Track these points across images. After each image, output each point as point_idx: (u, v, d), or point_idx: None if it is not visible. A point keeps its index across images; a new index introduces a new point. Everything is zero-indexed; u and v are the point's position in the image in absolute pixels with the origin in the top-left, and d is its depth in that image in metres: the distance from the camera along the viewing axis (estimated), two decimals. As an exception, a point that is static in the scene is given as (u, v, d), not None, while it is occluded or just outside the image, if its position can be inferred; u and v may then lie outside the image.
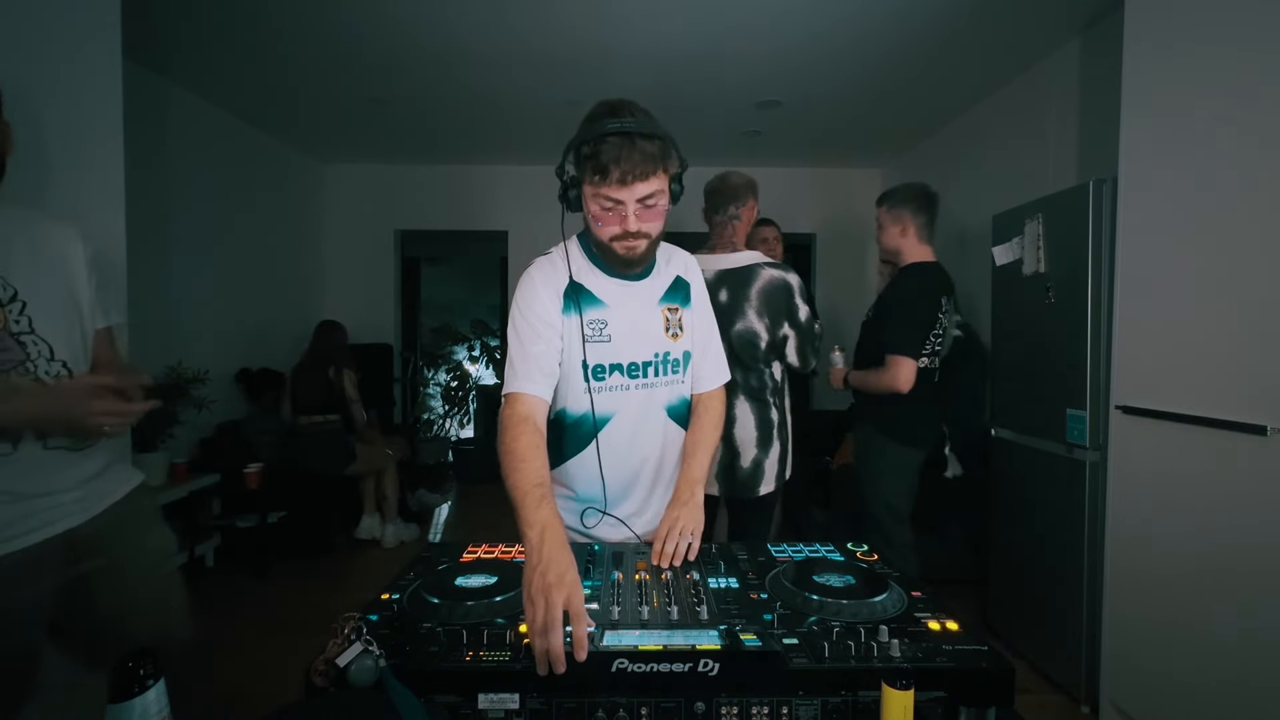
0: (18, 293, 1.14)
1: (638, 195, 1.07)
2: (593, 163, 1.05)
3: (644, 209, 1.09)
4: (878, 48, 3.02)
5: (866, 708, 0.72)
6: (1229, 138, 1.61)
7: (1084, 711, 2.14)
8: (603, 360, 1.20)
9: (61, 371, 1.17)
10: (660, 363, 1.24)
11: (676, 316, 1.27)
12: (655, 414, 1.26)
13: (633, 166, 1.04)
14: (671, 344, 1.25)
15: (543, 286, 1.19)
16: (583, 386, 1.20)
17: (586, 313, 1.19)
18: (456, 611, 0.85)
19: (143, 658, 0.60)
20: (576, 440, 1.24)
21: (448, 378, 6.73)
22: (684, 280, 1.31)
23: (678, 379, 1.27)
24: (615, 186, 1.06)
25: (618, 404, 1.22)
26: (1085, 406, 2.14)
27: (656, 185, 1.08)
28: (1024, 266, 2.43)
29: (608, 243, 1.14)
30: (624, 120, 1.05)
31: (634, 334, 1.22)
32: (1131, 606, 1.89)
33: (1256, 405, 1.52)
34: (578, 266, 1.22)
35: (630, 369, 1.22)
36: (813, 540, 1.22)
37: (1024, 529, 2.48)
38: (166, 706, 0.61)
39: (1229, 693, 1.59)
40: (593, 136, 1.05)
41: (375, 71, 3.33)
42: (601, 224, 1.12)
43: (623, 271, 1.21)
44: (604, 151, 1.04)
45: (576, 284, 1.20)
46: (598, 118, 1.08)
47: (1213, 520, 1.64)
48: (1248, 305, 1.56)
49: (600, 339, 1.19)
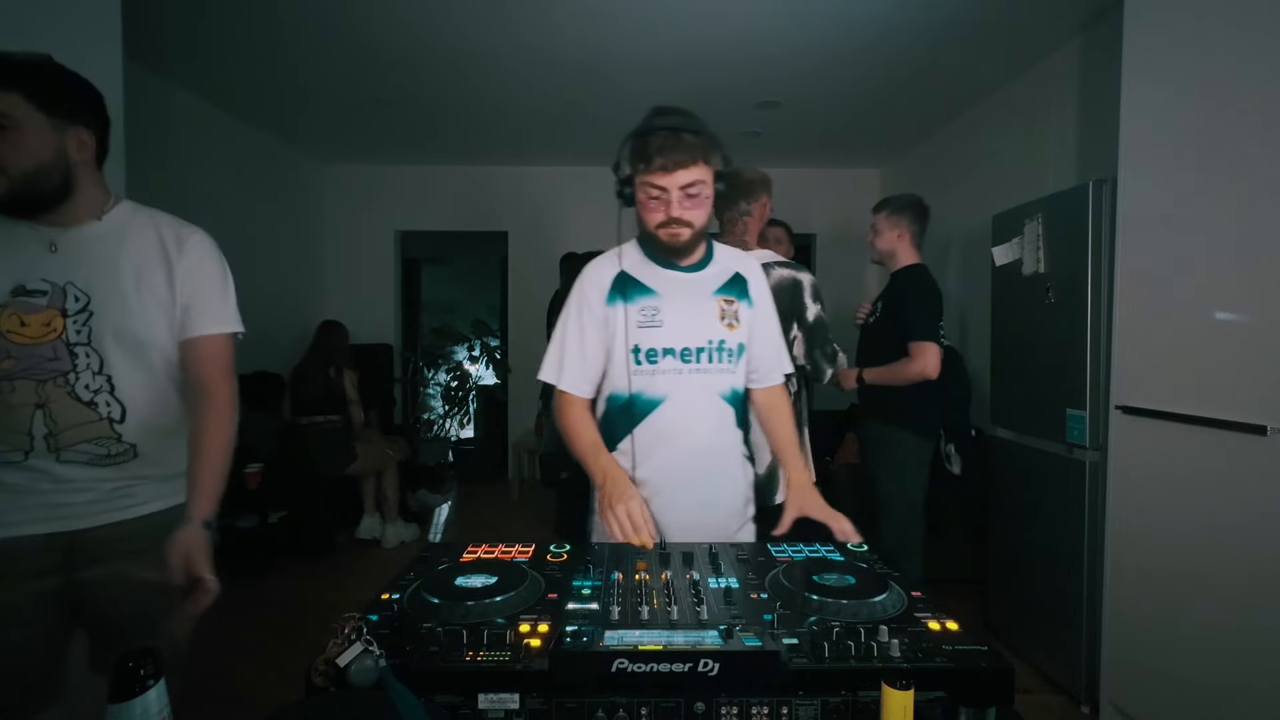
0: (89, 302, 1.13)
1: (680, 183, 1.17)
2: (641, 154, 1.17)
3: (686, 197, 1.19)
4: (877, 48, 3.02)
5: (866, 708, 0.72)
6: (1229, 137, 1.61)
7: (1084, 711, 2.14)
8: (655, 344, 1.27)
9: (104, 385, 1.14)
10: (714, 350, 1.29)
11: (732, 308, 1.32)
12: (710, 399, 1.31)
13: (675, 154, 1.14)
14: (726, 333, 1.30)
15: (591, 283, 1.30)
16: (633, 369, 1.26)
17: (638, 301, 1.27)
18: (456, 611, 0.85)
19: (143, 657, 0.60)
20: (628, 421, 1.29)
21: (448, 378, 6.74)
22: (743, 276, 1.36)
23: (731, 367, 1.32)
24: (659, 174, 1.16)
25: (670, 387, 1.28)
26: (1085, 406, 2.14)
27: (699, 175, 1.17)
28: (1024, 266, 2.43)
29: (654, 230, 1.23)
30: (670, 117, 1.16)
31: (687, 321, 1.28)
32: (1132, 606, 1.89)
33: (1256, 405, 1.52)
34: (631, 261, 1.31)
35: (684, 354, 1.27)
36: (813, 540, 1.22)
37: (1024, 529, 2.48)
38: (167, 706, 0.61)
39: (1229, 693, 1.59)
40: (642, 131, 1.17)
41: (376, 71, 3.33)
42: (649, 212, 1.22)
43: (672, 261, 1.29)
44: (651, 142, 1.16)
45: (625, 275, 1.29)
46: (649, 117, 1.19)
47: (1213, 520, 1.64)
48: (1247, 305, 1.56)
49: (653, 324, 1.27)
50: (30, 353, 1.10)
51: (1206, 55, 1.67)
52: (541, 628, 0.81)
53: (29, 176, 1.06)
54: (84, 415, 1.14)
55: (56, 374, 1.11)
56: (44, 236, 1.12)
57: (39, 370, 1.10)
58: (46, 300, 1.11)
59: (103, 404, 1.15)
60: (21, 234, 1.12)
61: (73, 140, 1.10)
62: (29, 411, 1.10)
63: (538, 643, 0.77)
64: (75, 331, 1.12)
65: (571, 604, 0.88)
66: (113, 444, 1.16)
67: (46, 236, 1.13)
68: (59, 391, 1.11)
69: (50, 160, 1.08)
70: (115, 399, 1.16)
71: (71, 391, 1.12)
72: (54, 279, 1.11)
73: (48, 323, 1.10)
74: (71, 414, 1.13)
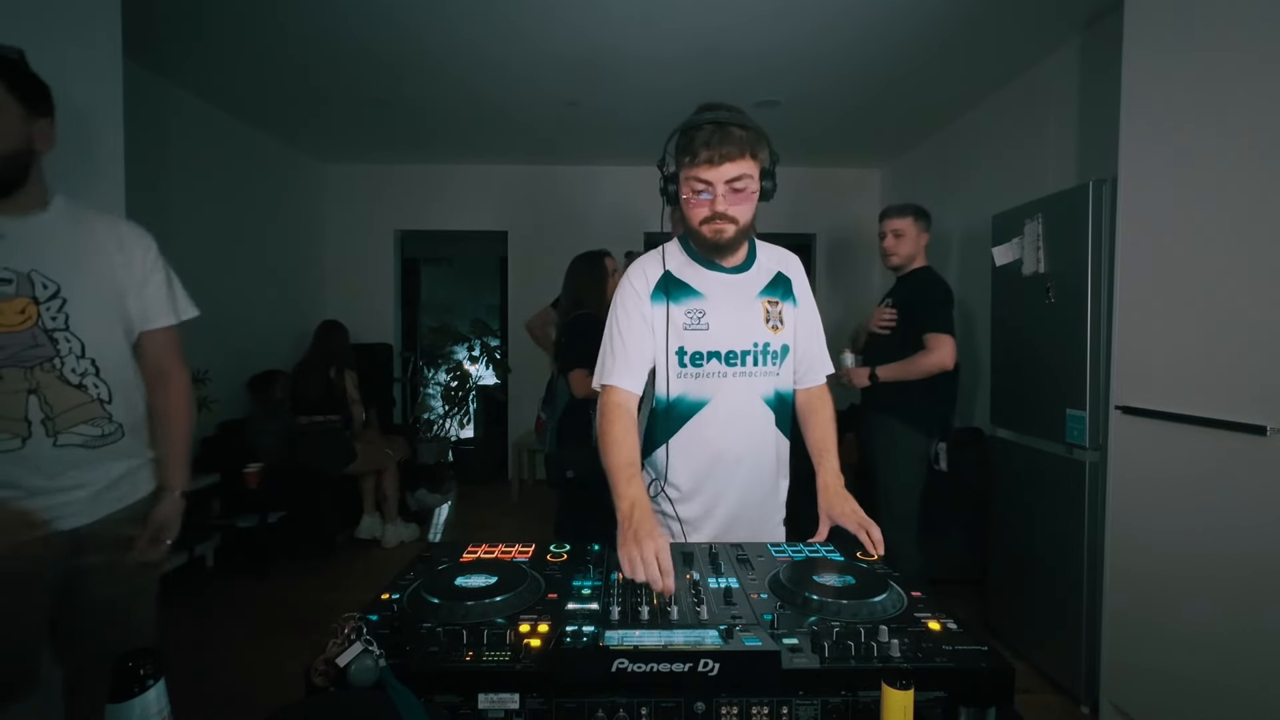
0: (59, 289, 1.16)
1: (725, 176, 1.14)
2: (687, 147, 1.15)
3: (732, 192, 1.15)
4: (877, 47, 3.02)
5: (866, 708, 0.72)
6: (1229, 137, 1.61)
7: (1084, 711, 2.14)
8: (701, 347, 1.25)
9: (89, 369, 1.18)
10: (759, 353, 1.28)
11: (777, 310, 1.31)
12: (753, 402, 1.29)
13: (721, 147, 1.11)
14: (771, 335, 1.29)
15: (638, 280, 1.28)
16: (676, 371, 1.26)
17: (685, 303, 1.26)
18: (456, 611, 0.85)
19: (143, 657, 0.60)
20: (670, 423, 1.28)
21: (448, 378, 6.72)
22: (785, 276, 1.35)
23: (775, 370, 1.30)
24: (704, 167, 1.13)
25: (714, 389, 1.26)
26: (1085, 406, 2.14)
27: (744, 169, 1.14)
28: (1024, 266, 2.43)
29: (698, 227, 1.21)
30: (716, 111, 1.14)
31: (733, 324, 1.27)
32: (1131, 606, 1.89)
33: (1256, 405, 1.52)
34: (676, 262, 1.29)
35: (729, 357, 1.26)
36: (813, 540, 1.22)
37: (1024, 529, 2.48)
38: (166, 706, 0.61)
39: (1228, 692, 1.59)
40: (689, 125, 1.15)
41: (376, 72, 3.33)
42: (693, 208, 1.19)
43: (714, 259, 1.27)
44: (696, 137, 1.13)
45: (670, 276, 1.27)
46: (695, 113, 1.17)
47: (1212, 520, 1.64)
48: (1248, 305, 1.56)
49: (699, 327, 1.25)
50: (10, 340, 1.12)
51: (1207, 55, 1.66)
52: (541, 628, 0.81)
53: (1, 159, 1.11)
54: (77, 397, 1.17)
55: (42, 360, 1.14)
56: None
57: (23, 358, 1.12)
58: (14, 289, 1.13)
59: (91, 385, 1.19)
60: None
61: (39, 132, 1.16)
62: (22, 397, 1.13)
63: (538, 643, 0.77)
64: (50, 318, 1.15)
65: (571, 604, 0.88)
66: (105, 423, 1.21)
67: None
68: (49, 376, 1.14)
69: (18, 147, 1.13)
70: (102, 380, 1.20)
71: (60, 375, 1.15)
72: (14, 267, 1.14)
73: (21, 310, 1.13)
74: (65, 397, 1.16)
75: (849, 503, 1.23)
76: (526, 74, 3.35)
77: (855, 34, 2.88)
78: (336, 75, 3.37)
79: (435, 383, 6.86)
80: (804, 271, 1.40)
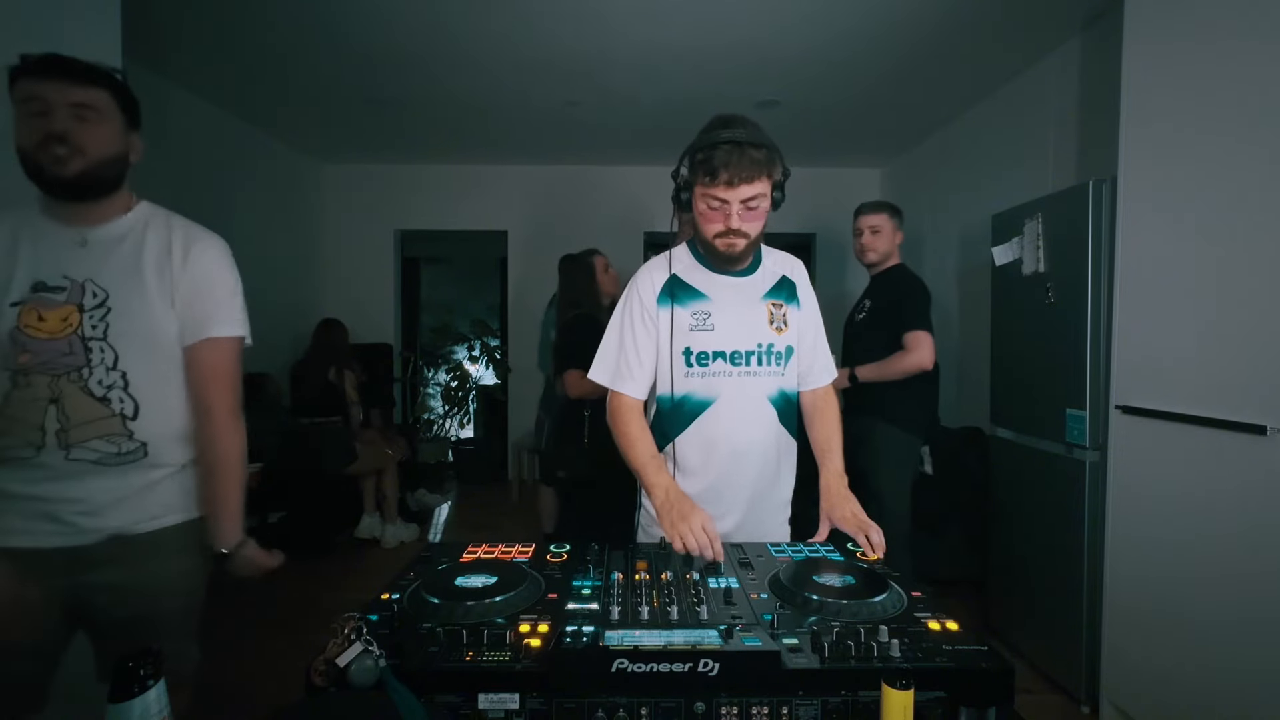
0: (108, 298, 1.15)
1: (742, 196, 1.18)
2: (705, 166, 1.18)
3: (746, 210, 1.20)
4: (877, 47, 3.02)
5: (866, 708, 0.72)
6: (1229, 137, 1.61)
7: (1084, 711, 2.14)
8: (706, 347, 1.29)
9: (118, 381, 1.15)
10: (763, 353, 1.31)
11: (781, 312, 1.35)
12: (758, 401, 1.32)
13: (740, 170, 1.15)
14: (775, 336, 1.33)
15: (645, 289, 1.33)
16: (683, 371, 1.29)
17: (690, 305, 1.31)
18: (456, 611, 0.85)
19: (143, 657, 0.60)
20: (676, 423, 1.32)
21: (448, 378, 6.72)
22: (789, 280, 1.39)
23: (780, 370, 1.34)
24: (723, 188, 1.18)
25: (719, 389, 1.30)
26: (1085, 406, 2.14)
27: (760, 189, 1.19)
28: (1024, 266, 2.43)
29: (711, 239, 1.25)
30: (735, 131, 1.17)
31: (738, 324, 1.31)
32: (1131, 606, 1.89)
33: (1256, 405, 1.52)
34: (683, 265, 1.34)
35: (734, 357, 1.30)
36: (812, 540, 1.22)
37: (1023, 529, 2.48)
38: (167, 706, 0.61)
39: (1229, 693, 1.59)
40: (708, 144, 1.18)
41: (375, 72, 3.33)
42: (708, 221, 1.24)
43: (725, 268, 1.32)
44: (716, 157, 1.16)
45: (676, 279, 1.32)
46: (713, 128, 1.20)
47: (1212, 520, 1.64)
48: (1248, 305, 1.56)
49: (704, 328, 1.29)
50: (46, 347, 1.11)
51: (1207, 55, 1.66)
52: (541, 628, 0.81)
53: (102, 163, 1.15)
54: (96, 411, 1.14)
55: (70, 369, 1.12)
56: (77, 233, 1.17)
57: (54, 365, 1.11)
58: (65, 296, 1.13)
59: (116, 400, 1.15)
60: (50, 231, 1.16)
61: (134, 144, 1.22)
62: (42, 406, 1.11)
63: (538, 643, 0.77)
64: (91, 327, 1.13)
65: (571, 604, 0.88)
66: (124, 441, 1.16)
67: (79, 233, 1.17)
68: (72, 386, 1.12)
69: (117, 154, 1.18)
70: (129, 395, 1.16)
71: (84, 386, 1.13)
72: (75, 275, 1.14)
73: (65, 318, 1.12)
74: (84, 409, 1.13)
75: (850, 504, 1.25)
76: (527, 75, 3.35)
77: (855, 34, 2.88)
78: (336, 75, 3.37)
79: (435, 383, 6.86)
80: (807, 276, 1.43)
